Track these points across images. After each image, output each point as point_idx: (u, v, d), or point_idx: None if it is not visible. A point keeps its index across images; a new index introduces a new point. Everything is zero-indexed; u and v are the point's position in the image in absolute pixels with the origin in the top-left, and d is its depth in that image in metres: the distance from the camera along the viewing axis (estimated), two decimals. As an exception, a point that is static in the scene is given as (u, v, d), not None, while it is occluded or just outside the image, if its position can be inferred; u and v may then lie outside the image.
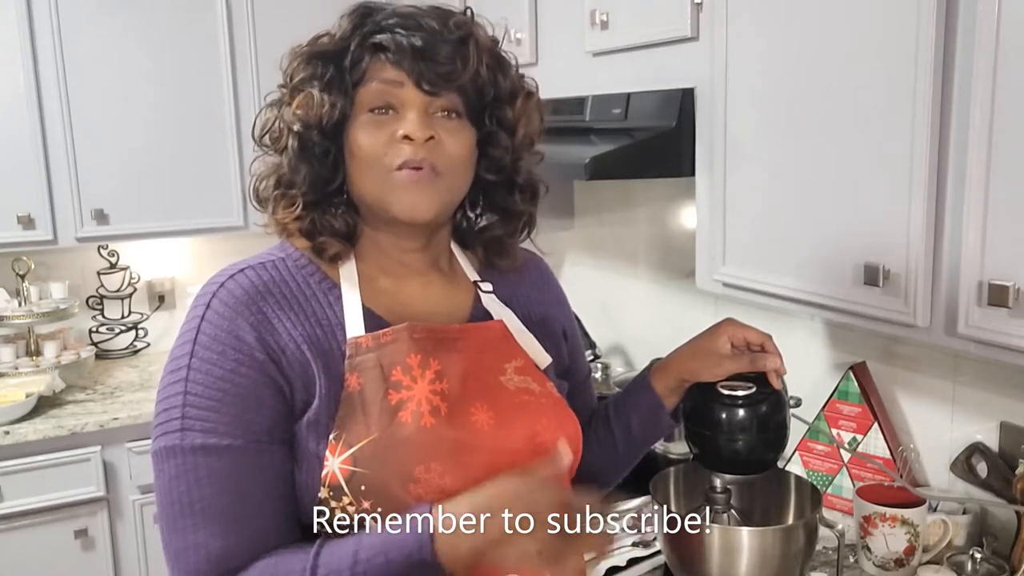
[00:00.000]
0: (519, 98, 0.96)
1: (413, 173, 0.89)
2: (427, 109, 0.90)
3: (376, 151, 0.89)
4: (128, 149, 2.50)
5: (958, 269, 1.07)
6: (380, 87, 0.89)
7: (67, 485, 2.27)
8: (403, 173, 0.89)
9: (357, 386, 0.87)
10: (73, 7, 2.39)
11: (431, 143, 0.89)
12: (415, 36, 0.88)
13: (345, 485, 0.84)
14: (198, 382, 0.85)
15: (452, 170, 0.91)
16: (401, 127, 0.89)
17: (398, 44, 0.88)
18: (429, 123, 0.89)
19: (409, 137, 0.88)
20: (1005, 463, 1.41)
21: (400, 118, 0.89)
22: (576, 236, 2.54)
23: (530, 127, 0.98)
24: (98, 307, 2.82)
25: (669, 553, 1.22)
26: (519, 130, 0.97)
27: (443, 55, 0.88)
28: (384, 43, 0.89)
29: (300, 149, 0.90)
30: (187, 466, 0.83)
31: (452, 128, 0.91)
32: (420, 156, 0.88)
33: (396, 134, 0.89)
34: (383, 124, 0.89)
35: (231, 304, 0.87)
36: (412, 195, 0.89)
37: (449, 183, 0.92)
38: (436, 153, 0.89)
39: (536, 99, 0.99)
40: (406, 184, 0.89)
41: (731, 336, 1.06)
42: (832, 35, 1.20)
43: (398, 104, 0.89)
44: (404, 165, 0.88)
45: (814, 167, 1.26)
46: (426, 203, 0.90)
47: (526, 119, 0.97)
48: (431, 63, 0.88)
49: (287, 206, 0.92)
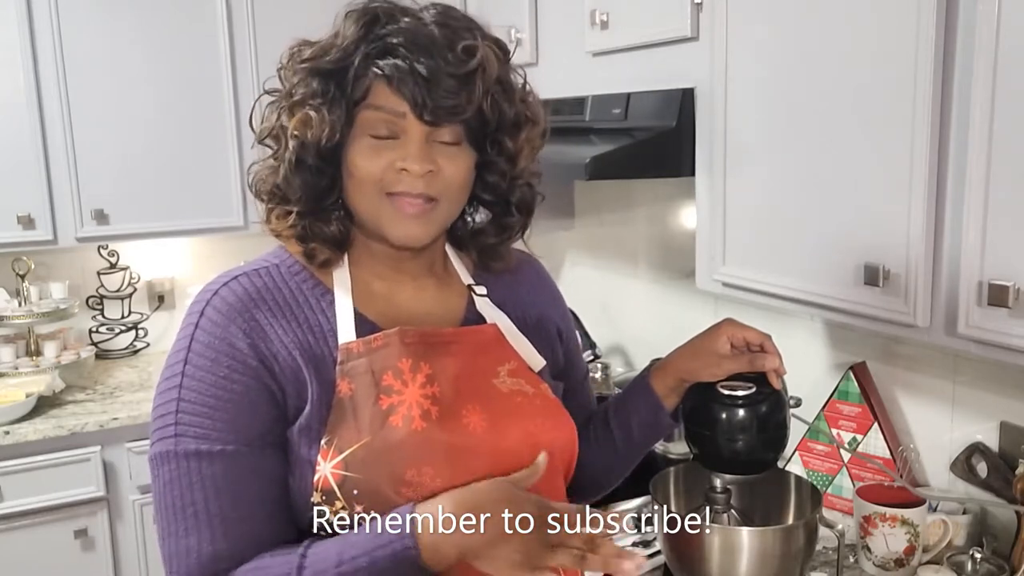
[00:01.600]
0: (523, 129, 0.95)
1: (410, 203, 0.89)
2: (428, 138, 0.89)
3: (374, 176, 0.89)
4: (128, 149, 2.49)
5: (958, 269, 1.07)
6: (382, 116, 0.88)
7: (67, 485, 2.27)
8: (399, 203, 0.89)
9: (348, 391, 0.87)
10: (73, 7, 2.38)
11: (431, 175, 0.89)
12: (421, 64, 0.85)
13: (337, 489, 0.84)
14: (192, 388, 0.85)
15: (448, 196, 0.91)
16: (400, 159, 0.88)
17: (402, 72, 0.85)
18: (429, 154, 0.88)
19: (407, 170, 0.88)
20: (1005, 463, 1.41)
21: (400, 146, 0.88)
22: (576, 236, 2.54)
23: (531, 156, 0.97)
24: (98, 307, 2.82)
25: (669, 553, 1.22)
26: (520, 161, 0.96)
27: (449, 88, 0.85)
28: (388, 72, 0.86)
29: (297, 164, 0.90)
30: (181, 471, 0.84)
31: (452, 155, 0.90)
32: (418, 189, 0.88)
33: (395, 164, 0.88)
34: (382, 150, 0.88)
35: (224, 312, 0.88)
36: (407, 225, 0.90)
37: (444, 209, 0.92)
38: (434, 184, 0.89)
39: (541, 129, 0.97)
40: (401, 213, 0.89)
41: (730, 336, 1.06)
42: (832, 35, 1.20)
43: (399, 132, 0.88)
44: (401, 195, 0.89)
45: (814, 167, 1.26)
46: (420, 232, 0.91)
47: (528, 149, 0.96)
48: (435, 95, 0.85)
49: (281, 216, 0.92)
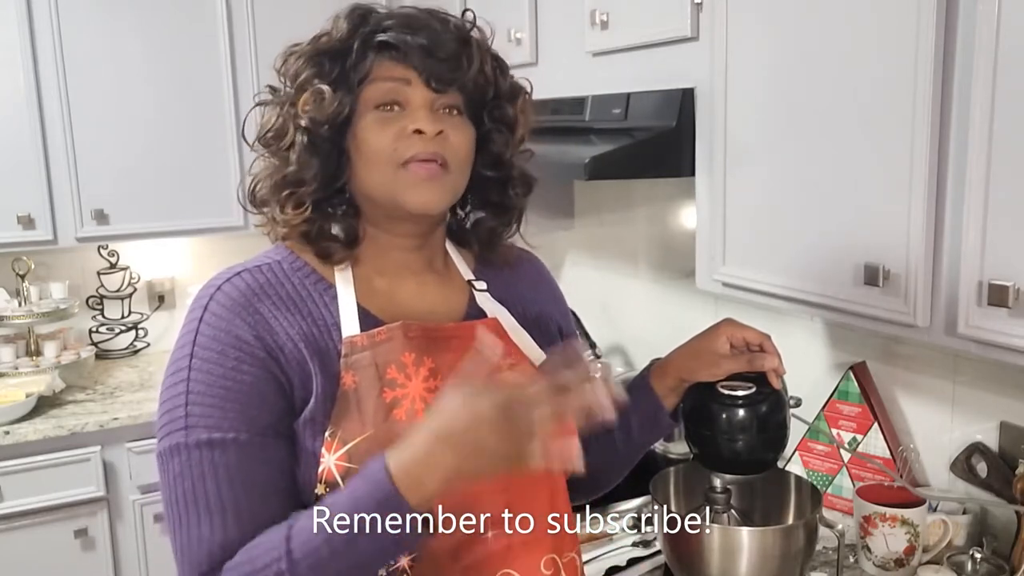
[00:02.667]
0: (519, 97, 0.99)
1: (424, 166, 0.90)
2: (433, 106, 0.91)
3: (385, 146, 0.90)
4: (128, 149, 2.49)
5: (958, 269, 1.07)
6: (387, 85, 0.90)
7: (67, 485, 2.27)
8: (414, 167, 0.89)
9: (352, 384, 0.88)
10: (73, 7, 2.39)
11: (440, 137, 0.90)
12: (419, 35, 0.89)
13: (341, 481, 0.84)
14: (200, 381, 0.85)
15: (458, 165, 0.93)
16: (411, 122, 0.90)
17: (405, 42, 0.89)
18: (436, 116, 0.91)
19: (420, 131, 0.89)
20: (1005, 463, 1.41)
21: (407, 114, 0.90)
22: (576, 236, 2.54)
23: (527, 125, 1.00)
24: (98, 307, 2.82)
25: (669, 553, 1.22)
26: (519, 129, 0.99)
27: (449, 54, 0.90)
28: (390, 41, 0.90)
29: (310, 144, 0.91)
30: (192, 461, 0.83)
31: (456, 124, 0.93)
32: (431, 150, 0.90)
33: (406, 129, 0.89)
34: (390, 120, 0.90)
35: (228, 306, 0.88)
36: (424, 189, 0.90)
37: (455, 178, 0.94)
38: (445, 147, 0.91)
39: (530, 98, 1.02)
40: (418, 178, 0.90)
41: (730, 336, 1.06)
42: (832, 35, 1.20)
43: (405, 101, 0.91)
44: (414, 158, 0.89)
45: (814, 167, 1.26)
46: (437, 196, 0.92)
47: (524, 117, 1.00)
48: (438, 61, 0.89)
49: (296, 206, 0.92)
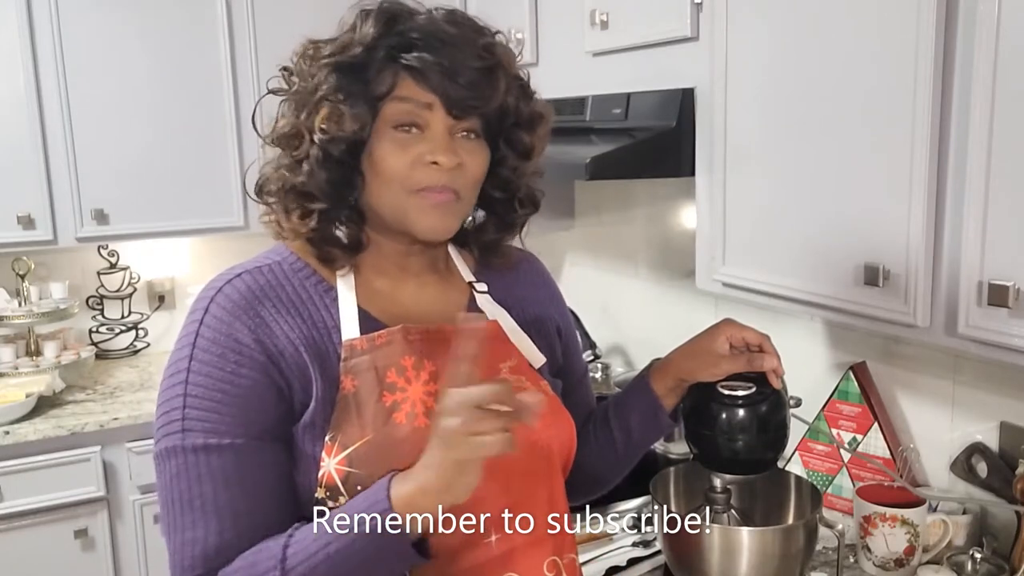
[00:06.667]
0: (539, 125, 0.97)
1: (436, 197, 0.89)
2: (452, 131, 0.90)
3: (400, 170, 0.89)
4: (128, 149, 2.49)
5: (958, 269, 1.07)
6: (408, 106, 0.88)
7: (67, 485, 2.27)
8: (425, 195, 0.89)
9: (352, 388, 0.87)
10: (73, 7, 2.38)
11: (457, 168, 0.89)
12: (444, 57, 0.86)
13: (341, 485, 0.84)
14: (198, 384, 0.85)
15: (469, 192, 0.93)
16: (429, 152, 0.88)
17: (429, 65, 0.86)
18: (454, 147, 0.89)
19: (437, 163, 0.88)
20: (1005, 463, 1.41)
21: (425, 139, 0.89)
22: (576, 236, 2.54)
23: (542, 152, 1.00)
24: (98, 307, 2.82)
25: (669, 553, 1.22)
26: (533, 156, 0.98)
27: (472, 81, 0.87)
28: (414, 64, 0.87)
29: (323, 160, 0.89)
30: (188, 464, 0.84)
31: (472, 149, 0.92)
32: (443, 182, 0.89)
33: (423, 157, 0.88)
34: (408, 144, 0.88)
35: (228, 308, 0.87)
36: (434, 218, 0.90)
37: (465, 206, 0.94)
38: (459, 179, 0.90)
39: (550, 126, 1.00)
40: (428, 207, 0.89)
41: (729, 336, 1.06)
42: (832, 35, 1.20)
43: (424, 124, 0.89)
44: (427, 188, 0.89)
45: (814, 167, 1.26)
46: (447, 224, 0.92)
47: (541, 144, 0.99)
48: (460, 88, 0.87)
49: (303, 216, 0.91)
